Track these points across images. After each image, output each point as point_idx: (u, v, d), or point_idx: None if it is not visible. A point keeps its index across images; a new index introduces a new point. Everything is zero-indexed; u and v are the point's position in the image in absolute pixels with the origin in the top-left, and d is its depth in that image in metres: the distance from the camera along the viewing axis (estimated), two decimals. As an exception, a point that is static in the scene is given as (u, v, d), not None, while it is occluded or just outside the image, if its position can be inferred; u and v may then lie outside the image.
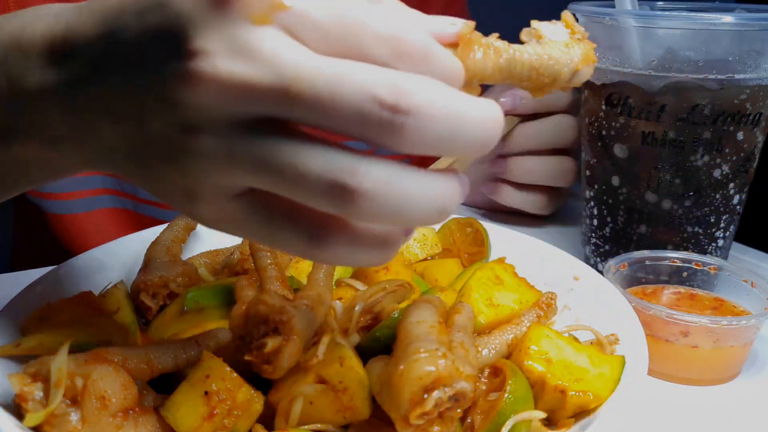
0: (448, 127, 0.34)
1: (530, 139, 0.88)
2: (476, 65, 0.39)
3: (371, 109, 0.33)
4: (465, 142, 0.35)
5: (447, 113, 0.34)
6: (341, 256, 0.38)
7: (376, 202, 0.35)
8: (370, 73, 0.34)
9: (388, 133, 0.34)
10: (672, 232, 0.73)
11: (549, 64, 0.40)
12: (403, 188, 0.35)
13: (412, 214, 0.35)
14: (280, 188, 0.36)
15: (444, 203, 0.36)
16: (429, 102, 0.34)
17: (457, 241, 0.75)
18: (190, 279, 0.63)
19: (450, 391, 0.40)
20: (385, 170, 0.35)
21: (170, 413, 0.45)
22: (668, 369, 0.62)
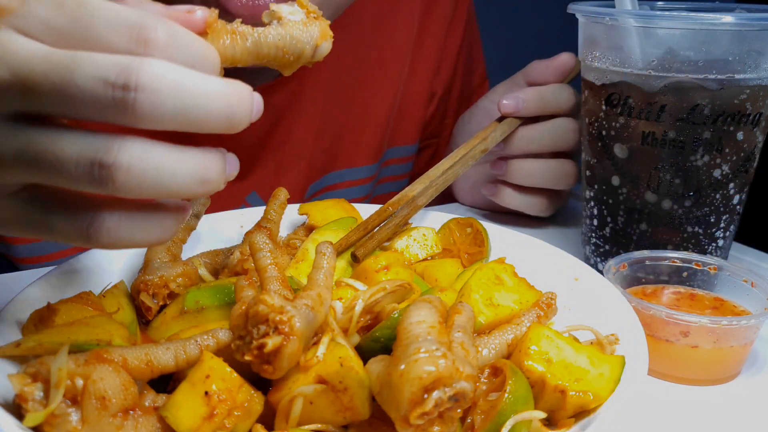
0: (180, 101, 0.37)
1: (531, 142, 0.88)
2: (226, 50, 0.42)
3: (104, 91, 0.36)
4: (203, 116, 0.38)
5: (177, 87, 0.37)
6: (120, 235, 0.40)
7: (134, 174, 0.37)
8: (100, 59, 0.36)
9: (123, 110, 0.37)
10: (672, 232, 0.73)
11: (292, 44, 0.44)
12: (158, 160, 0.38)
13: (173, 183, 0.38)
14: (45, 177, 0.38)
15: (204, 174, 0.39)
16: (158, 77, 0.36)
17: (457, 241, 0.75)
18: (190, 279, 0.63)
19: (450, 391, 0.40)
20: (139, 145, 0.38)
21: (170, 413, 0.45)
22: (668, 369, 0.62)
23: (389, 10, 1.06)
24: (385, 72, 1.07)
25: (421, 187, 0.76)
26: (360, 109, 1.06)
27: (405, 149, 1.15)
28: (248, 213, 0.80)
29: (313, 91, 1.01)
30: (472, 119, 1.01)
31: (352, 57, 1.04)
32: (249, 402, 0.46)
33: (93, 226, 0.40)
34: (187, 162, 0.39)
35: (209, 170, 0.40)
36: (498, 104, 0.88)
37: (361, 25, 1.03)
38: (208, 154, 0.40)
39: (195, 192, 0.40)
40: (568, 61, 0.90)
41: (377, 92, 1.07)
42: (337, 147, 1.06)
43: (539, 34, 2.53)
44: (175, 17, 0.41)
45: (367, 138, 1.08)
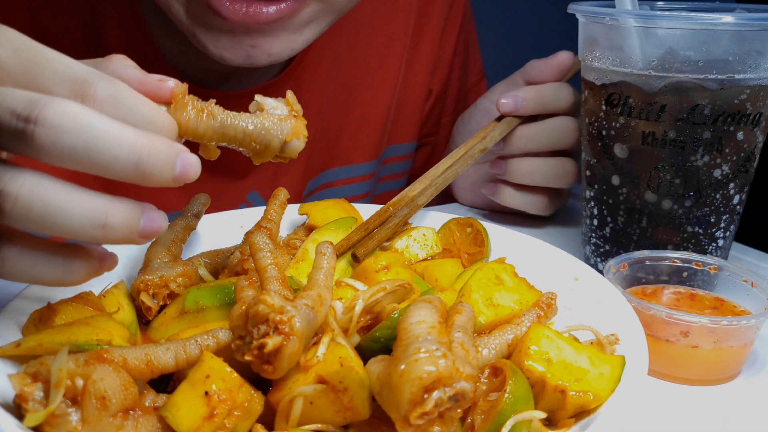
0: (81, 140, 0.38)
1: (531, 141, 0.88)
2: (188, 123, 0.44)
3: (8, 120, 0.37)
4: (105, 160, 0.38)
5: (80, 126, 0.38)
6: (18, 267, 0.41)
7: (20, 204, 0.38)
8: (18, 94, 0.38)
9: (23, 141, 0.38)
10: (672, 232, 0.73)
11: (261, 134, 0.45)
12: (50, 195, 0.38)
13: (64, 222, 0.39)
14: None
15: (103, 219, 0.39)
16: (60, 114, 0.37)
17: (457, 241, 0.75)
18: (190, 279, 0.63)
19: (450, 391, 0.40)
20: (33, 178, 0.38)
21: (170, 413, 0.45)
22: (668, 369, 0.62)
23: (386, 9, 1.06)
24: (382, 71, 1.07)
25: (420, 187, 0.76)
26: (358, 108, 1.07)
27: (404, 147, 1.15)
28: (248, 213, 0.80)
29: (311, 91, 1.01)
30: (471, 119, 1.01)
31: (349, 56, 1.04)
32: (249, 402, 0.46)
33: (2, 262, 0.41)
34: (84, 203, 0.39)
35: (111, 216, 0.40)
36: (497, 103, 0.88)
37: (358, 25, 1.03)
38: (112, 201, 0.40)
39: (94, 236, 0.40)
40: (567, 59, 0.90)
41: (375, 91, 1.07)
42: (336, 145, 1.06)
43: (539, 34, 2.53)
44: (147, 83, 0.43)
45: (366, 136, 1.09)
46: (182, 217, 0.69)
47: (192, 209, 0.70)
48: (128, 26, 0.88)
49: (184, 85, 0.45)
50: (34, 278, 0.43)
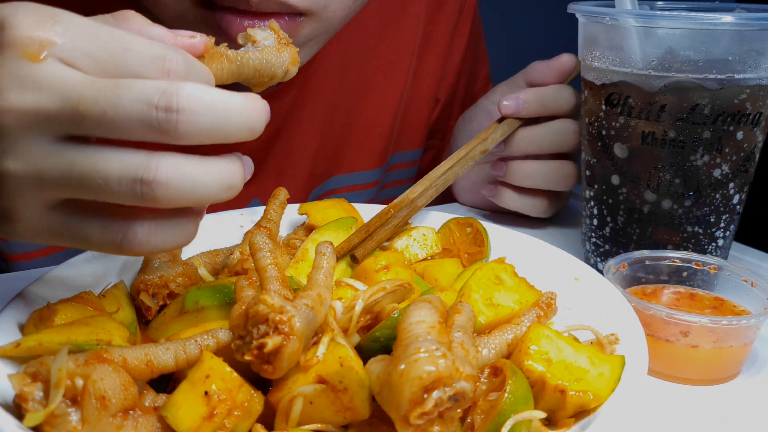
0: (214, 118, 0.42)
1: (532, 143, 0.88)
2: (217, 72, 0.49)
3: (149, 113, 0.40)
4: (232, 129, 0.42)
5: (211, 106, 0.41)
6: (150, 242, 0.45)
7: (172, 188, 0.42)
8: (142, 85, 0.41)
9: (166, 130, 0.41)
10: (672, 231, 0.73)
11: (267, 67, 0.51)
12: (192, 172, 0.42)
13: (204, 192, 0.43)
14: (88, 193, 0.42)
15: (229, 180, 0.44)
16: (195, 99, 0.41)
17: (457, 241, 0.75)
18: (190, 279, 0.63)
19: (450, 391, 0.40)
20: (174, 160, 0.42)
21: (170, 413, 0.45)
22: (668, 369, 0.62)
23: (394, 16, 1.05)
24: (389, 78, 1.07)
25: (421, 189, 0.76)
26: (364, 115, 1.06)
27: (410, 154, 1.15)
28: (248, 213, 0.80)
29: (316, 99, 1.00)
30: (472, 119, 1.01)
31: (356, 63, 1.03)
32: (249, 402, 0.46)
33: (126, 236, 0.44)
34: (216, 171, 0.43)
35: (233, 176, 0.44)
36: (498, 105, 0.87)
37: (366, 32, 1.02)
38: (231, 162, 0.44)
39: (222, 197, 0.44)
40: (569, 61, 0.89)
41: (381, 98, 1.07)
42: (340, 153, 1.06)
43: (539, 34, 2.53)
44: (181, 43, 0.47)
45: (371, 143, 1.08)
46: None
47: (192, 209, 0.70)
48: None
49: (211, 37, 0.48)
50: (163, 248, 0.46)
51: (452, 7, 1.11)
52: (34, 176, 0.42)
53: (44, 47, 0.41)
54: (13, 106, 0.41)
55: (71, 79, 0.41)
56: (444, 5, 1.10)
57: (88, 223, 0.44)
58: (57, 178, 0.42)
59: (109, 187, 0.42)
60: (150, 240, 0.45)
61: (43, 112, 0.41)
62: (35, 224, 0.45)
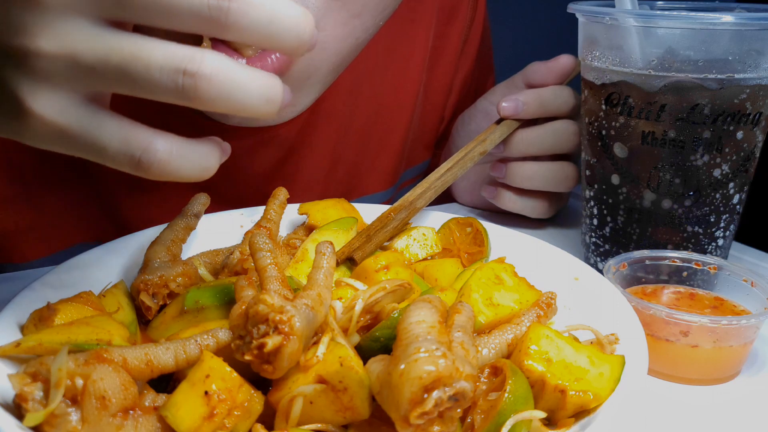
0: (266, 14, 0.40)
1: (531, 145, 0.87)
2: None
3: (201, 7, 0.39)
4: (280, 30, 0.41)
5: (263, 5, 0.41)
6: (169, 166, 0.42)
7: (214, 85, 0.40)
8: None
9: (217, 20, 0.40)
10: (672, 231, 0.73)
11: None
12: (236, 73, 0.41)
13: (244, 98, 0.41)
14: (124, 84, 0.40)
15: (269, 93, 0.42)
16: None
17: (457, 241, 0.75)
18: (190, 279, 0.63)
19: (450, 390, 0.40)
20: (219, 58, 0.40)
21: (170, 413, 0.45)
22: (668, 369, 0.62)
23: (403, 32, 1.03)
24: (400, 96, 1.04)
25: (420, 191, 0.76)
26: (376, 136, 1.04)
27: (417, 168, 1.13)
28: (248, 213, 0.80)
29: (327, 122, 0.98)
30: (471, 120, 1.00)
31: (367, 84, 1.01)
32: (249, 402, 0.46)
33: (147, 151, 0.41)
34: (258, 80, 0.42)
35: (274, 91, 0.42)
36: (497, 106, 0.87)
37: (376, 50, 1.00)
38: (272, 78, 0.43)
39: (260, 110, 0.42)
40: (568, 62, 0.89)
41: (393, 118, 1.04)
42: (353, 177, 1.04)
43: (538, 34, 2.54)
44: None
45: (383, 164, 1.06)
46: (182, 216, 0.69)
47: (192, 209, 0.70)
48: None
49: None
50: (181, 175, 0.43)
51: (463, 19, 1.09)
52: (68, 59, 0.39)
53: None
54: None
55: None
56: (455, 18, 1.08)
57: (109, 128, 0.42)
58: (93, 63, 0.39)
59: (150, 76, 0.39)
60: (170, 161, 0.42)
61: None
62: (50, 121, 0.41)
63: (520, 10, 2.77)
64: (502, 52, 1.42)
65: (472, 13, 1.10)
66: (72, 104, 0.41)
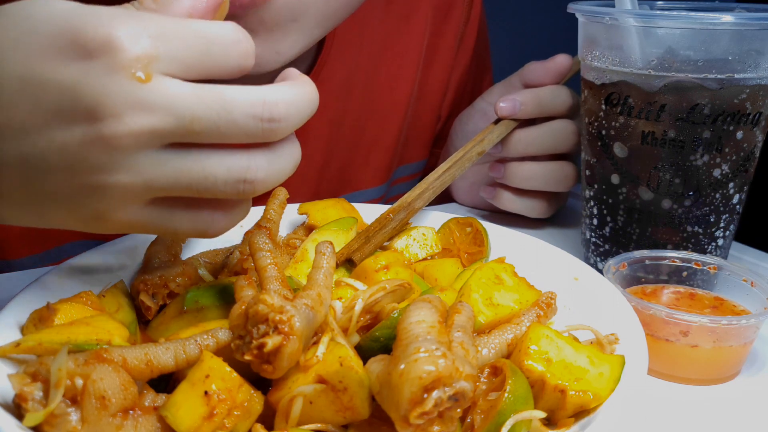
0: (301, 117, 0.46)
1: (530, 145, 0.87)
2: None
3: (255, 125, 0.44)
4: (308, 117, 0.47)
5: (301, 108, 0.45)
6: (227, 226, 0.49)
7: (270, 183, 0.46)
8: (245, 95, 0.43)
9: (268, 137, 0.45)
10: (672, 231, 0.73)
11: None
12: (280, 165, 0.46)
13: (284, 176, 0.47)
14: (193, 194, 0.45)
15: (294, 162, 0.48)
16: (292, 105, 0.45)
17: (457, 241, 0.75)
18: (190, 279, 0.63)
19: (450, 390, 0.40)
20: (267, 158, 0.46)
21: (170, 413, 0.45)
22: (668, 369, 0.62)
23: (398, 29, 1.03)
24: (395, 93, 1.05)
25: (418, 192, 0.76)
26: (369, 132, 1.04)
27: (413, 166, 1.13)
28: (248, 213, 0.79)
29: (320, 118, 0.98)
30: (468, 120, 1.00)
31: (361, 80, 1.01)
32: (249, 402, 0.46)
33: (212, 226, 0.48)
34: (289, 158, 0.47)
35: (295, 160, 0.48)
36: (495, 107, 0.87)
37: (370, 45, 1.00)
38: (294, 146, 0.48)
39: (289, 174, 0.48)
40: (565, 62, 0.89)
41: (387, 115, 1.05)
42: (346, 172, 1.04)
43: (538, 34, 2.53)
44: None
45: (377, 161, 1.06)
46: (182, 217, 0.69)
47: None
48: None
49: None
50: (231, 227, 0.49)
51: (458, 17, 1.09)
52: (141, 185, 0.44)
53: (150, 65, 0.41)
54: (132, 130, 0.41)
55: (180, 96, 0.42)
56: (450, 16, 1.08)
57: (177, 216, 0.47)
58: (164, 185, 0.44)
59: (216, 188, 0.45)
60: (228, 225, 0.49)
61: (158, 131, 0.42)
62: (126, 220, 0.46)
63: (517, 10, 2.76)
64: (500, 53, 1.42)
65: (468, 10, 1.11)
66: (143, 208, 0.46)
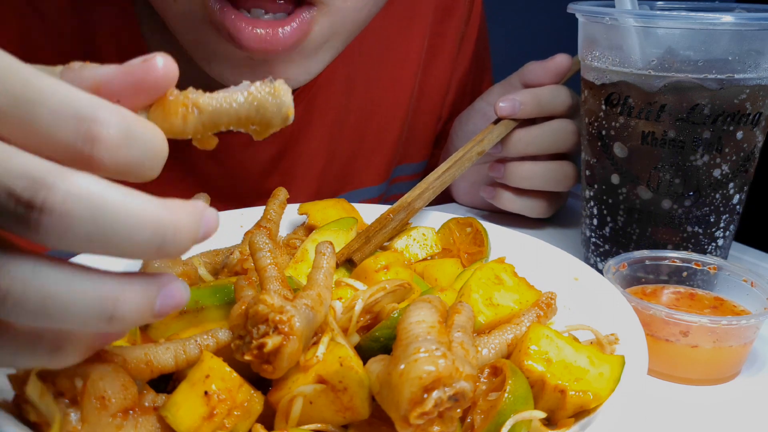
0: (96, 227, 0.32)
1: (529, 145, 0.87)
2: (175, 129, 0.37)
3: (6, 203, 0.31)
4: (125, 245, 0.32)
5: (94, 212, 0.31)
6: (3, 358, 0.36)
7: (15, 301, 0.32)
8: (12, 162, 0.31)
9: (26, 228, 0.31)
10: (672, 231, 0.73)
11: (259, 112, 0.38)
12: (46, 287, 0.32)
13: (64, 316, 0.33)
14: None
15: (109, 310, 0.33)
16: (72, 199, 0.31)
17: (457, 241, 0.75)
18: (190, 279, 0.63)
19: (450, 390, 0.40)
20: (28, 266, 0.32)
21: (170, 413, 0.45)
22: (668, 369, 0.62)
23: (400, 29, 1.04)
24: (396, 92, 1.05)
25: (418, 192, 0.76)
26: (371, 131, 1.05)
27: (414, 166, 1.14)
28: (248, 213, 0.80)
29: (323, 115, 0.99)
30: (468, 121, 1.01)
31: (363, 79, 1.02)
32: (249, 402, 0.46)
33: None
34: (88, 293, 0.33)
35: (120, 306, 0.34)
36: (494, 107, 0.87)
37: (371, 46, 1.01)
38: (124, 284, 0.34)
39: (99, 328, 0.34)
40: (564, 62, 0.89)
41: (388, 113, 1.05)
42: (348, 170, 1.05)
43: (538, 34, 2.53)
44: (132, 71, 0.36)
45: (378, 159, 1.07)
46: (182, 217, 0.69)
47: (192, 209, 0.70)
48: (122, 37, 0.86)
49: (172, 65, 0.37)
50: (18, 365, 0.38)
51: (460, 17, 1.09)
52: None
53: None
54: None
55: None
56: (452, 16, 1.08)
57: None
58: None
59: None
60: (7, 356, 0.36)
61: None
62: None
63: (519, 10, 2.76)
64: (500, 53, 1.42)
65: (469, 11, 1.11)
66: None
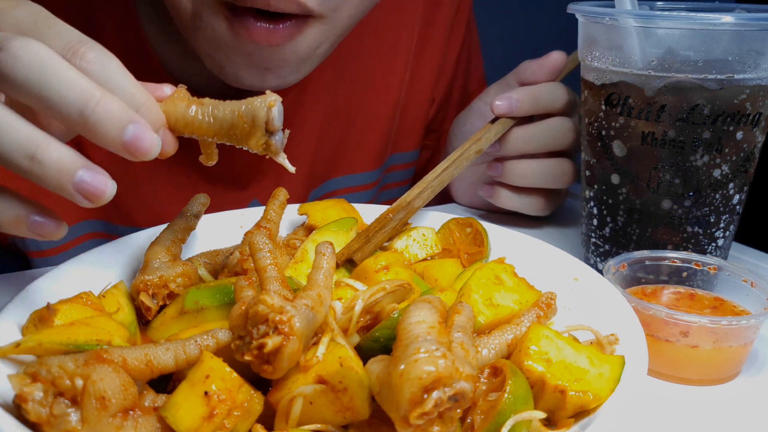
0: (35, 73, 0.40)
1: (527, 142, 0.87)
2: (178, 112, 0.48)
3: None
4: (53, 96, 0.40)
5: (37, 61, 0.40)
6: None
7: None
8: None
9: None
10: (672, 232, 0.73)
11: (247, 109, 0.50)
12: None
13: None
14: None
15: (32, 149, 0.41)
16: (23, 47, 0.40)
17: (457, 241, 0.75)
18: (190, 279, 0.63)
19: (450, 391, 0.40)
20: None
21: (170, 413, 0.45)
22: (668, 369, 0.62)
23: (391, 18, 1.06)
24: (386, 80, 1.07)
25: (417, 191, 0.76)
26: (362, 116, 1.06)
27: (407, 155, 1.15)
28: (248, 213, 0.80)
29: (315, 101, 1.00)
30: (466, 121, 1.01)
31: (354, 65, 1.03)
32: (249, 402, 0.46)
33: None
34: (19, 130, 0.41)
35: (42, 151, 0.41)
36: (491, 105, 0.87)
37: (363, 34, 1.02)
38: (52, 140, 0.42)
39: (20, 165, 0.41)
40: (560, 59, 0.89)
41: (379, 99, 1.07)
42: (339, 154, 1.06)
43: (538, 34, 2.53)
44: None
45: (369, 144, 1.08)
46: (181, 217, 0.69)
47: (191, 209, 0.70)
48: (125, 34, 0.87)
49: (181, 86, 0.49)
50: None
51: (449, 6, 1.11)
52: None
53: None
54: None
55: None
56: (441, 5, 1.10)
57: None
58: None
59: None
60: None
61: None
62: None
63: (519, 10, 2.77)
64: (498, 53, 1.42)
65: (457, 2, 1.13)
66: None
